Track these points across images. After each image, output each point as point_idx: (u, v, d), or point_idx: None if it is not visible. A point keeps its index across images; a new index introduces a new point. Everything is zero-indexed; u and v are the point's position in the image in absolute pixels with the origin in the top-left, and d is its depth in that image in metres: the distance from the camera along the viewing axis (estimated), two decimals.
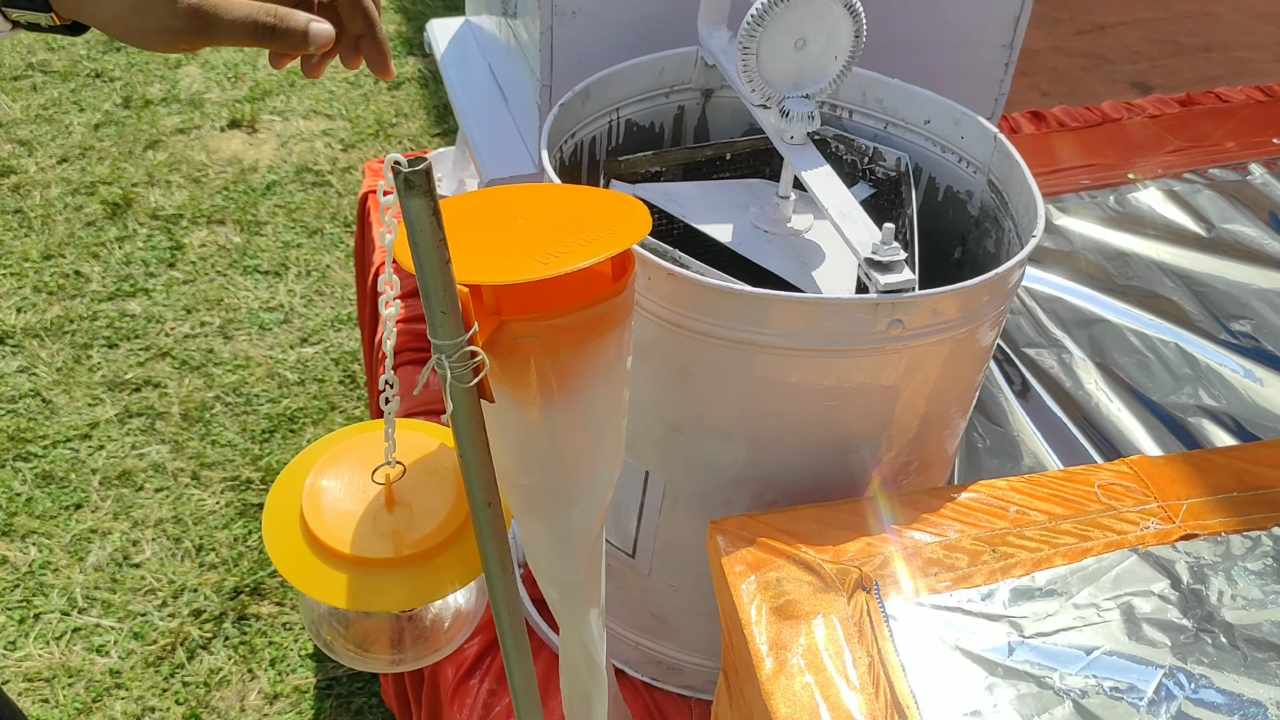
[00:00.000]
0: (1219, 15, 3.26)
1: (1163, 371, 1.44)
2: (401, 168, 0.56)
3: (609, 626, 1.08)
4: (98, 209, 2.54)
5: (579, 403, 0.70)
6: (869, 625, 0.76)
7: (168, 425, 2.04)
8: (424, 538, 0.75)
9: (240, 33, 0.63)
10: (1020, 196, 0.96)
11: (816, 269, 0.95)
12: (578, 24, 1.09)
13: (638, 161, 1.05)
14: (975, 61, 1.24)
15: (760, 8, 0.86)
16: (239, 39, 0.63)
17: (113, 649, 1.69)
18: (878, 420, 0.89)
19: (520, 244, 0.69)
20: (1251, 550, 0.82)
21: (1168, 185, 1.74)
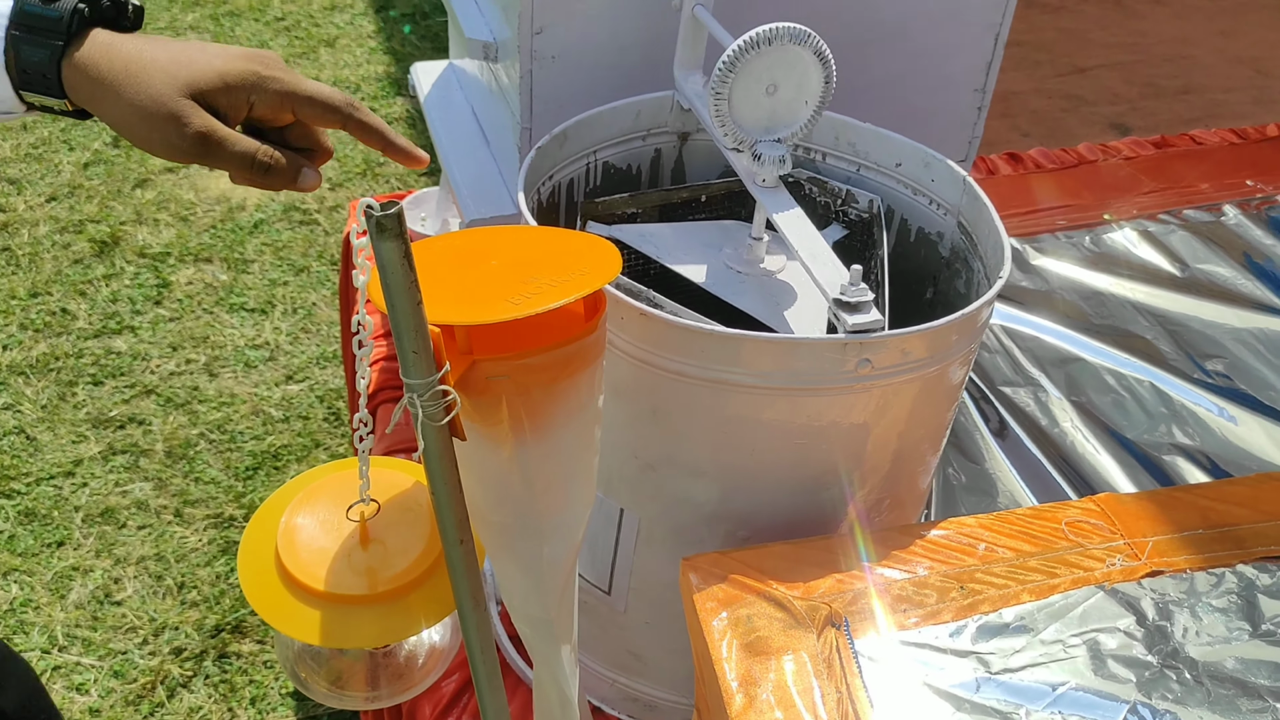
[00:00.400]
0: (1197, 58, 3.31)
1: (1138, 410, 1.46)
2: (374, 211, 0.58)
3: (585, 663, 1.08)
4: (85, 247, 2.55)
5: (551, 441, 0.72)
6: (838, 661, 0.77)
7: (151, 462, 2.04)
8: (398, 574, 0.76)
9: (238, 164, 0.68)
10: (988, 238, 0.97)
11: (789, 309, 0.96)
12: (557, 68, 1.11)
13: (614, 203, 1.07)
14: (948, 106, 1.27)
15: (732, 54, 0.89)
16: (235, 169, 0.68)
17: (93, 687, 1.68)
18: (849, 458, 0.90)
19: (493, 284, 0.71)
20: (1216, 587, 0.83)
21: (1143, 226, 1.76)
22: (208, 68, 0.67)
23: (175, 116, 0.66)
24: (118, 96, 0.66)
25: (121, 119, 0.66)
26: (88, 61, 0.66)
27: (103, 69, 0.66)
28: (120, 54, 0.67)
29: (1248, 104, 3.10)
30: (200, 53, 0.68)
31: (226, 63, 0.68)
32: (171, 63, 0.67)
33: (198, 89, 0.67)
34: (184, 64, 0.67)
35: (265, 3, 3.54)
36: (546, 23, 1.08)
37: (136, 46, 0.67)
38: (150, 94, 0.66)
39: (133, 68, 0.66)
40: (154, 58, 0.67)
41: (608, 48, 1.12)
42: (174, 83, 0.66)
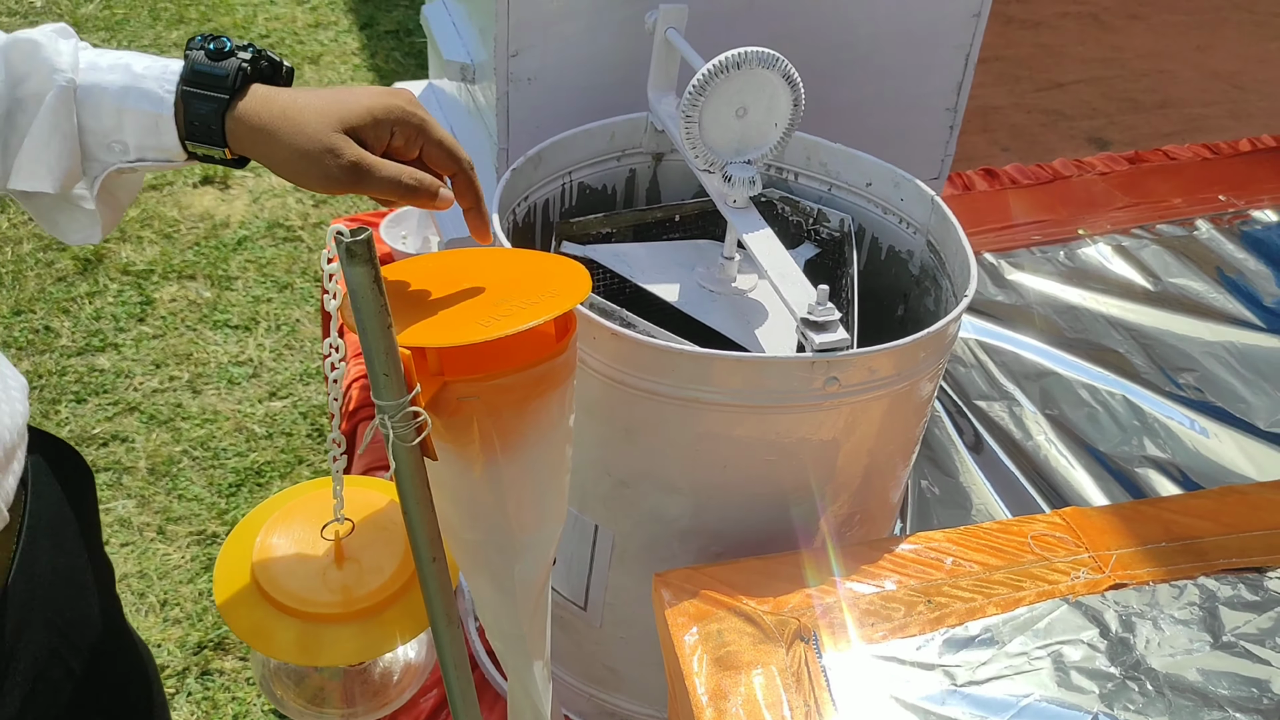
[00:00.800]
0: (1174, 73, 3.35)
1: (1111, 423, 1.47)
2: (344, 238, 0.59)
3: (562, 678, 1.09)
4: (69, 264, 2.56)
5: (522, 460, 0.73)
6: (807, 675, 0.79)
7: (134, 480, 2.05)
8: (372, 592, 0.77)
9: (386, 186, 0.74)
10: (955, 257, 0.99)
11: (759, 327, 0.98)
12: (533, 90, 1.13)
13: (589, 223, 1.08)
14: (920, 125, 1.29)
15: (702, 78, 0.90)
16: (384, 191, 0.74)
17: None
18: (820, 474, 0.92)
19: (465, 306, 0.72)
20: (1178, 599, 0.85)
21: (1116, 241, 1.79)
22: (356, 105, 0.74)
23: (330, 149, 0.72)
24: (277, 139, 0.73)
25: (282, 159, 0.73)
26: (249, 112, 0.73)
27: (263, 117, 0.73)
28: (277, 103, 0.74)
29: (1225, 118, 3.13)
30: (348, 94, 0.75)
31: (372, 100, 0.75)
32: (324, 104, 0.74)
33: (348, 124, 0.73)
34: (334, 104, 0.74)
35: (250, 20, 3.56)
36: (522, 45, 1.10)
37: (290, 95, 0.75)
38: (307, 133, 0.73)
39: (289, 112, 0.73)
40: (308, 102, 0.74)
41: (583, 70, 1.13)
42: (327, 121, 0.73)
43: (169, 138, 0.74)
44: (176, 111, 0.74)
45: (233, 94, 0.73)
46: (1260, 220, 1.85)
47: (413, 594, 0.78)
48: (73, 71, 0.74)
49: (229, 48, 0.75)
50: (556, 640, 1.06)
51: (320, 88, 0.77)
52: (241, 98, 0.74)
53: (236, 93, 0.74)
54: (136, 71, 0.74)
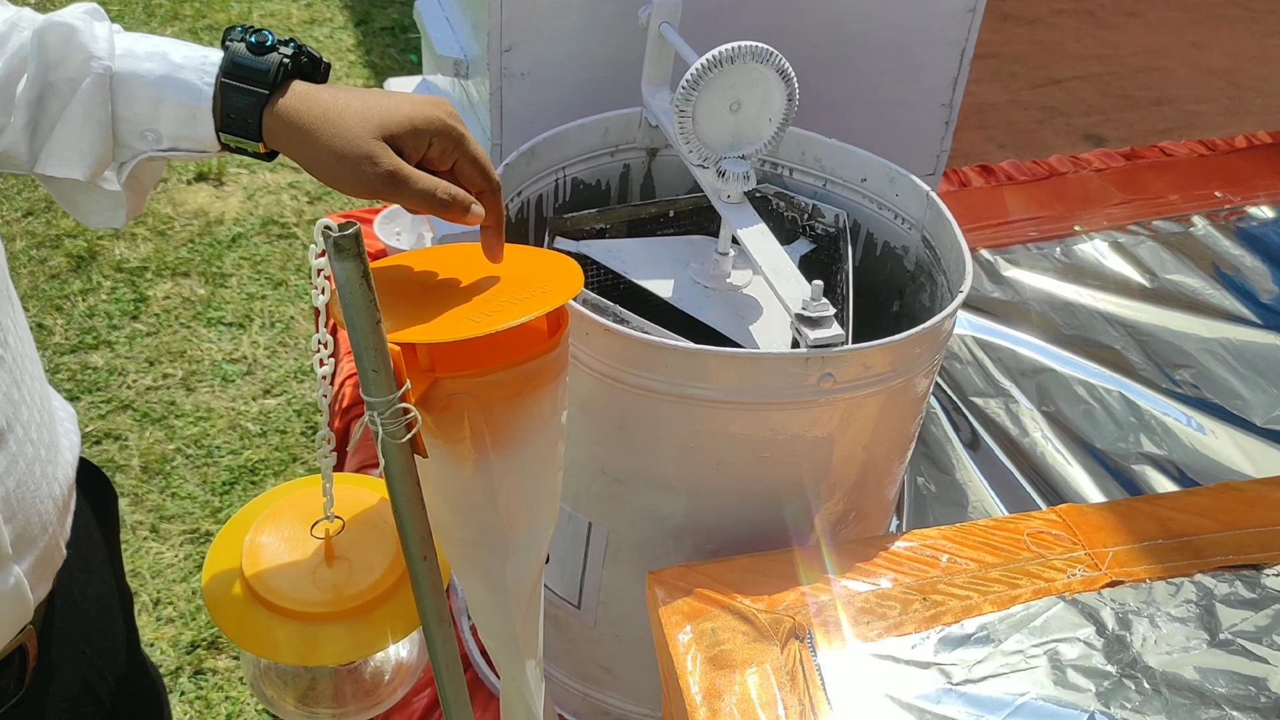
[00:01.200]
0: (1170, 70, 3.35)
1: (1107, 420, 1.47)
2: (331, 232, 0.58)
3: (556, 676, 1.09)
4: (62, 262, 2.55)
5: (514, 456, 0.72)
6: (801, 674, 0.78)
7: (127, 478, 2.04)
8: (363, 591, 0.77)
9: (420, 199, 0.72)
10: (950, 252, 0.99)
11: (754, 323, 0.97)
12: (526, 85, 1.12)
13: (583, 219, 1.08)
14: (916, 121, 1.28)
15: (695, 72, 0.89)
16: (417, 203, 0.72)
17: None
18: (815, 470, 0.91)
19: (455, 302, 0.72)
20: (1174, 596, 0.84)
21: (1113, 237, 1.78)
22: (396, 112, 0.72)
23: (368, 156, 0.70)
24: (315, 140, 0.71)
25: (317, 160, 0.71)
26: (288, 109, 0.71)
27: (302, 115, 0.71)
28: (318, 102, 0.72)
29: (1220, 115, 3.13)
30: (389, 99, 0.73)
31: (414, 108, 0.73)
32: (364, 108, 0.72)
33: (388, 131, 0.71)
34: (375, 109, 0.72)
35: (245, 16, 3.55)
36: (516, 40, 1.09)
37: (331, 95, 0.73)
38: (346, 137, 0.71)
39: (330, 114, 0.71)
40: (348, 104, 0.72)
41: (576, 64, 1.13)
42: (366, 126, 0.71)
43: (205, 129, 0.73)
44: (215, 104, 0.72)
45: (273, 89, 0.72)
46: (1257, 217, 1.85)
47: (404, 593, 0.78)
48: (109, 58, 0.72)
49: (271, 41, 0.73)
50: (550, 639, 1.06)
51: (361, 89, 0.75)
52: (282, 94, 0.72)
53: (277, 88, 0.72)
54: (175, 61, 0.72)
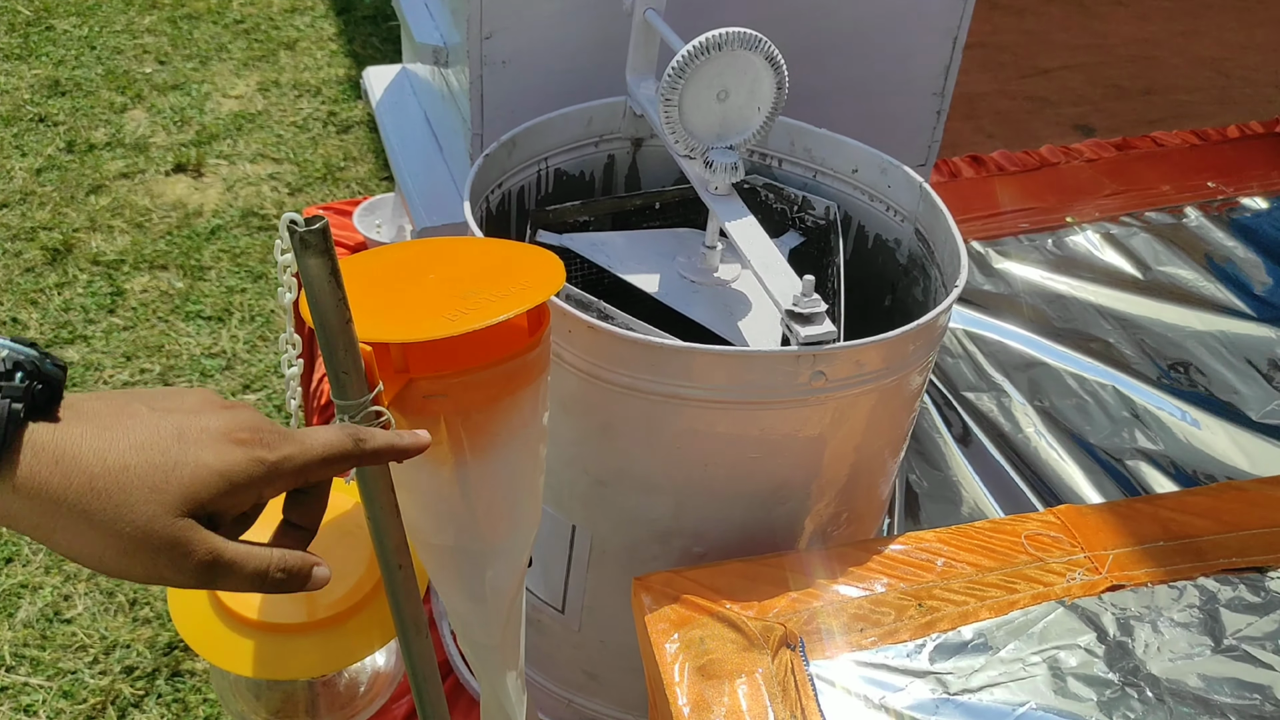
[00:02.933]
0: (1160, 59, 3.32)
1: (1101, 415, 1.45)
2: (297, 227, 0.55)
3: (540, 683, 1.06)
4: (37, 255, 2.50)
5: (493, 461, 0.69)
6: (793, 684, 0.75)
7: None
8: (337, 600, 0.74)
9: (248, 586, 0.54)
10: (945, 246, 0.96)
11: (743, 319, 0.94)
12: (507, 73, 1.09)
13: (566, 211, 1.04)
14: (907, 110, 1.25)
15: (682, 60, 0.86)
16: (248, 589, 0.55)
17: (41, 709, 1.64)
18: (805, 471, 0.88)
19: (431, 299, 0.68)
20: (1177, 601, 0.82)
21: (1105, 229, 1.76)
22: (202, 469, 0.51)
23: (173, 545, 0.50)
24: (85, 524, 0.49)
25: (88, 550, 0.50)
26: (33, 486, 0.48)
27: (56, 491, 0.48)
28: (79, 466, 0.49)
29: (1210, 104, 3.11)
30: (178, 445, 0.51)
31: (220, 456, 0.52)
32: (151, 469, 0.50)
33: (196, 502, 0.51)
34: (167, 469, 0.51)
35: (224, 5, 3.50)
36: (496, 27, 1.06)
37: (94, 449, 0.50)
38: (133, 520, 0.49)
39: (99, 484, 0.49)
40: (124, 465, 0.50)
41: (559, 52, 1.09)
42: (163, 499, 0.50)
43: None
44: None
45: (1, 455, 0.47)
46: (1250, 207, 1.83)
47: (380, 601, 0.75)
48: None
49: (3, 363, 0.48)
50: (533, 644, 1.03)
51: (121, 406, 0.52)
52: (14, 461, 0.48)
53: (6, 451, 0.48)
54: None
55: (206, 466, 0.51)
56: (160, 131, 2.96)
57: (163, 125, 2.98)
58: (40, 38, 3.27)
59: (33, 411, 0.49)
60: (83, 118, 2.98)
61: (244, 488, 0.52)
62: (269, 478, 0.53)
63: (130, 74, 3.16)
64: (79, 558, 0.50)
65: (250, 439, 0.53)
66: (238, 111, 3.05)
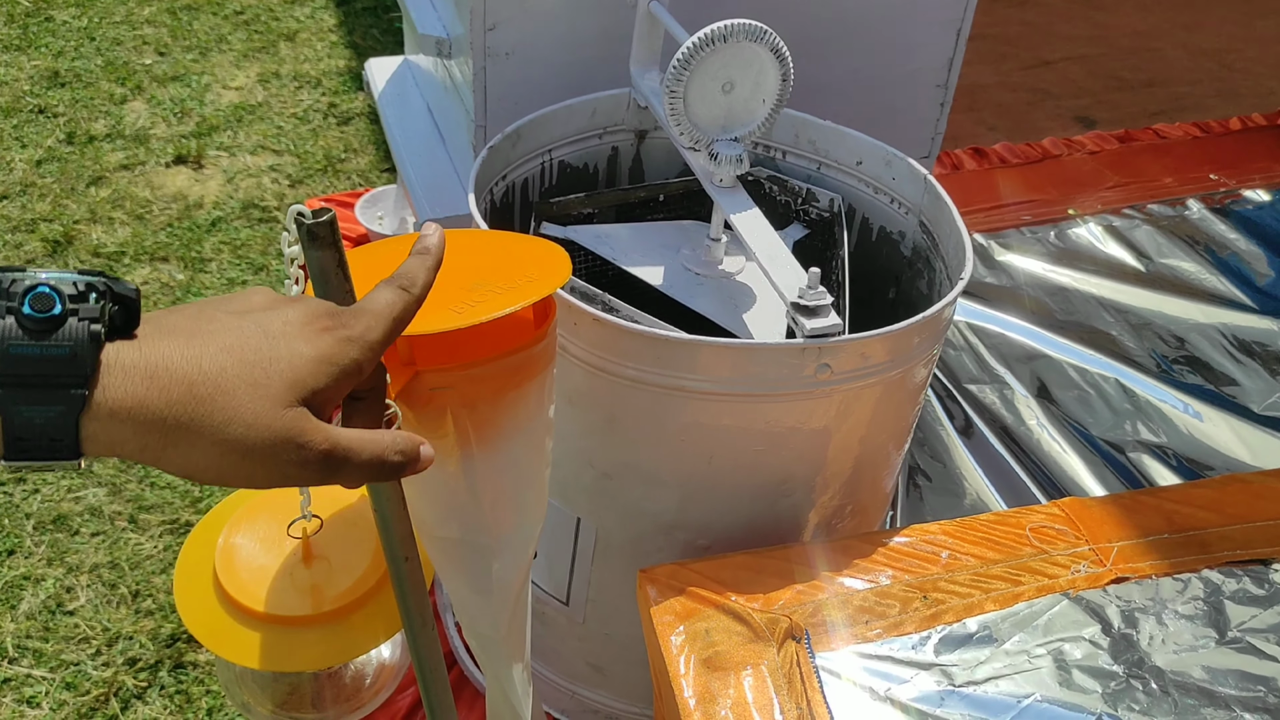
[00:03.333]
0: (1161, 51, 3.32)
1: (1103, 407, 1.45)
2: (305, 219, 0.55)
3: (545, 675, 1.06)
4: (37, 246, 2.50)
5: (499, 453, 0.69)
6: (799, 676, 0.75)
7: (105, 467, 2.00)
8: (343, 592, 0.74)
9: (368, 474, 0.53)
10: (949, 238, 0.96)
11: (747, 311, 0.94)
12: (511, 65, 1.08)
13: (570, 203, 1.04)
14: (911, 102, 1.25)
15: (686, 52, 0.86)
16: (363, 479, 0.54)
17: (44, 700, 1.64)
18: (810, 463, 0.88)
19: (436, 292, 0.68)
20: (1182, 593, 0.82)
21: (1107, 221, 1.76)
22: (298, 358, 0.50)
23: (289, 438, 0.49)
24: (194, 436, 0.47)
25: (204, 463, 0.48)
26: (131, 405, 0.46)
27: (156, 407, 0.46)
28: (175, 378, 0.47)
29: (1211, 97, 3.10)
30: (267, 341, 0.50)
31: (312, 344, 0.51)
32: (249, 367, 0.49)
33: (304, 389, 0.50)
34: (265, 365, 0.49)
35: None
36: (500, 19, 1.05)
37: (186, 358, 0.48)
38: (244, 419, 0.48)
39: (200, 391, 0.47)
40: (220, 368, 0.48)
41: (563, 44, 1.09)
42: (268, 394, 0.49)
43: None
44: None
45: (89, 381, 0.46)
46: (1252, 200, 1.83)
47: (385, 593, 0.75)
48: None
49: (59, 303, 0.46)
50: (538, 636, 1.03)
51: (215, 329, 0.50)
52: (103, 384, 0.46)
53: (93, 376, 0.46)
54: None
55: (302, 355, 0.50)
56: (160, 123, 2.95)
57: (163, 117, 2.98)
58: (40, 29, 3.26)
59: (112, 333, 0.47)
60: (82, 109, 2.97)
61: (342, 370, 0.51)
62: (362, 355, 0.52)
63: (130, 65, 3.15)
64: (196, 474, 0.48)
65: (332, 324, 0.52)
66: (238, 103, 3.04)
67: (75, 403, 0.45)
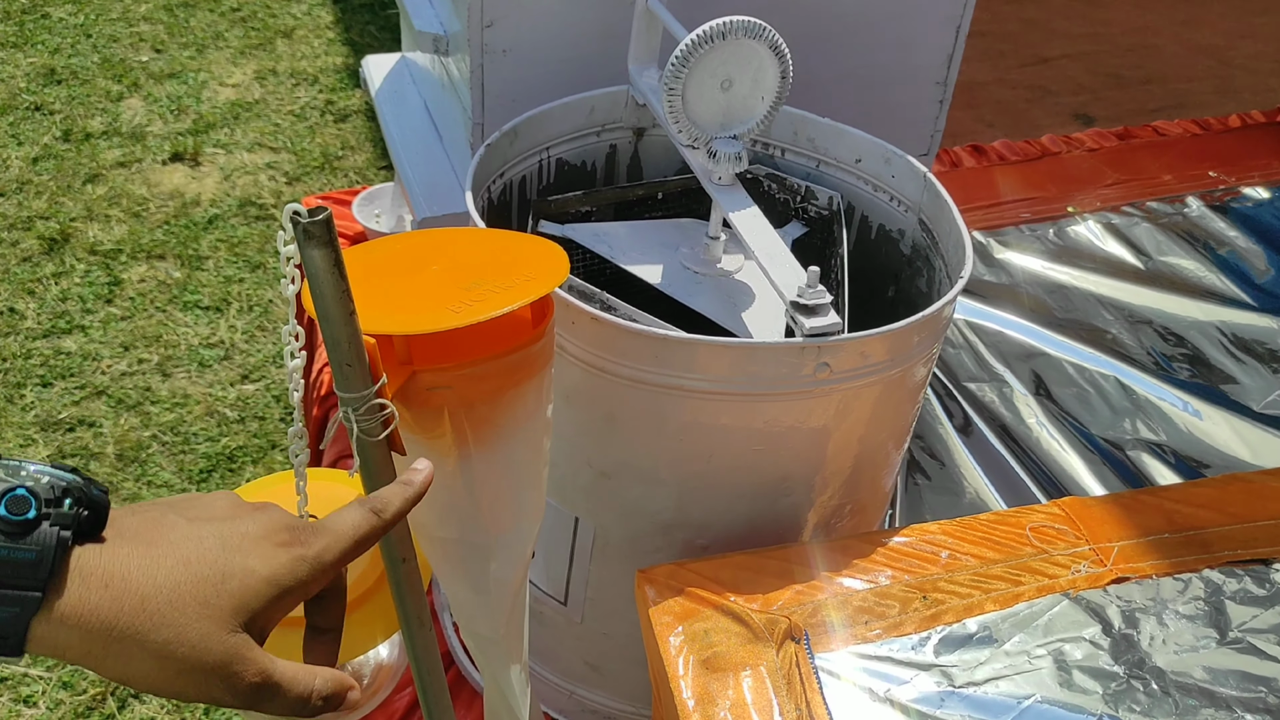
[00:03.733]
0: (1159, 48, 3.31)
1: (1102, 405, 1.44)
2: (300, 218, 0.54)
3: (542, 675, 1.06)
4: (34, 244, 2.49)
5: (497, 453, 0.69)
6: (798, 677, 0.75)
7: (102, 466, 2.00)
8: None
9: (288, 711, 0.53)
10: (949, 236, 0.95)
11: (746, 310, 0.94)
12: (508, 62, 1.08)
13: (568, 201, 1.04)
14: (910, 99, 1.24)
15: (685, 49, 0.86)
16: (286, 713, 0.53)
17: (40, 699, 1.64)
18: (809, 463, 0.88)
19: (435, 290, 0.68)
20: (1182, 593, 0.82)
21: (1106, 218, 1.75)
22: (250, 577, 0.50)
23: (226, 664, 0.49)
24: (137, 649, 0.47)
25: (140, 674, 0.48)
26: (83, 613, 0.46)
27: (107, 617, 0.47)
28: (129, 588, 0.47)
29: (1210, 94, 3.10)
30: (223, 555, 0.50)
31: (266, 562, 0.51)
32: (201, 583, 0.49)
33: (248, 612, 0.50)
34: (216, 582, 0.49)
35: None
36: (497, 15, 1.05)
37: (142, 568, 0.48)
38: (188, 640, 0.48)
39: (151, 605, 0.47)
40: (175, 583, 0.48)
41: (561, 41, 1.09)
42: (216, 615, 0.49)
43: None
44: None
45: (48, 586, 0.46)
46: (1251, 197, 1.82)
47: (383, 594, 0.74)
48: None
49: (32, 506, 0.46)
50: (536, 636, 1.02)
51: (173, 538, 0.50)
52: (62, 585, 0.46)
53: (51, 581, 0.46)
54: None
55: (255, 574, 0.50)
56: (157, 120, 2.94)
57: (159, 114, 2.97)
58: (36, 26, 3.25)
59: (79, 537, 0.48)
60: (79, 106, 2.96)
61: (291, 591, 0.52)
62: (313, 575, 0.53)
63: (126, 62, 3.15)
64: (128, 681, 0.48)
65: (289, 539, 0.52)
66: (234, 100, 3.03)
67: (30, 605, 0.45)
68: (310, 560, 0.53)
